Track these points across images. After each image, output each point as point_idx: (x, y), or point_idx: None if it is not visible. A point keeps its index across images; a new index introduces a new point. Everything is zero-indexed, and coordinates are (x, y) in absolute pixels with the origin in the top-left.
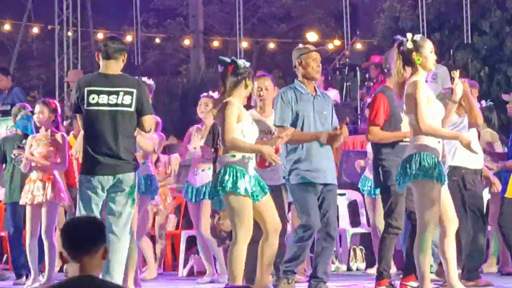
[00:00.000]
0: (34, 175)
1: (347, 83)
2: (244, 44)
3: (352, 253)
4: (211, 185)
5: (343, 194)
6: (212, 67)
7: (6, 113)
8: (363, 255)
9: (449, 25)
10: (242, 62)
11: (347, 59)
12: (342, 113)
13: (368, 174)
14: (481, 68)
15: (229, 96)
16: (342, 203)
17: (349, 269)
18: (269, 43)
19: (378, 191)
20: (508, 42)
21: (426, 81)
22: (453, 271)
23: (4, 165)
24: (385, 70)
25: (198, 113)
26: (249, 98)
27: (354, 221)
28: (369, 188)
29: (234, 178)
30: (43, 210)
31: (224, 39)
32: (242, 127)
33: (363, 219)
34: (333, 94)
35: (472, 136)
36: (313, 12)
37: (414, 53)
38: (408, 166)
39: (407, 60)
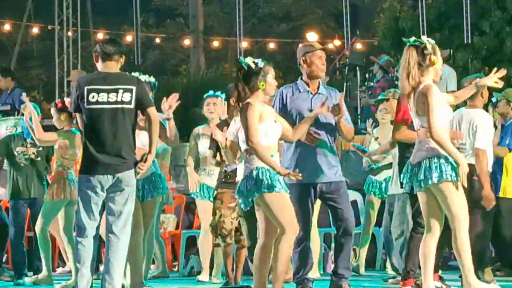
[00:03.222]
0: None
1: (347, 83)
2: (244, 44)
3: (352, 253)
4: (241, 187)
5: None
6: (212, 67)
7: (6, 113)
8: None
9: (449, 25)
10: (253, 64)
11: (347, 59)
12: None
13: (373, 176)
14: (481, 68)
15: (247, 98)
16: None
17: None
18: (269, 43)
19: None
20: (508, 42)
21: None
22: (429, 274)
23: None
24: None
25: (206, 113)
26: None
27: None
28: (378, 190)
29: (268, 178)
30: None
31: (224, 39)
32: (265, 127)
33: (363, 219)
34: None
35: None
36: (313, 12)
37: (432, 55)
38: (428, 169)
39: (423, 63)
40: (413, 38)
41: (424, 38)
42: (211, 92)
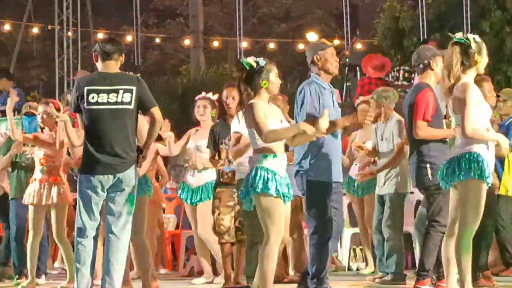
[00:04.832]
0: (39, 175)
1: (347, 83)
2: (244, 44)
3: (352, 253)
4: (242, 186)
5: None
6: (212, 67)
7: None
8: (363, 255)
9: (449, 25)
10: (254, 63)
11: (347, 59)
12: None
13: (353, 174)
14: None
15: (250, 99)
16: None
17: (349, 269)
18: (269, 43)
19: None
20: (508, 42)
21: None
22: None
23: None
24: (420, 66)
25: (197, 116)
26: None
27: (354, 221)
28: (355, 188)
29: (265, 179)
30: (53, 213)
31: (224, 39)
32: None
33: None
34: None
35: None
36: (313, 12)
37: (476, 55)
38: (457, 165)
39: (466, 61)
40: (459, 34)
41: (470, 36)
42: (204, 93)
